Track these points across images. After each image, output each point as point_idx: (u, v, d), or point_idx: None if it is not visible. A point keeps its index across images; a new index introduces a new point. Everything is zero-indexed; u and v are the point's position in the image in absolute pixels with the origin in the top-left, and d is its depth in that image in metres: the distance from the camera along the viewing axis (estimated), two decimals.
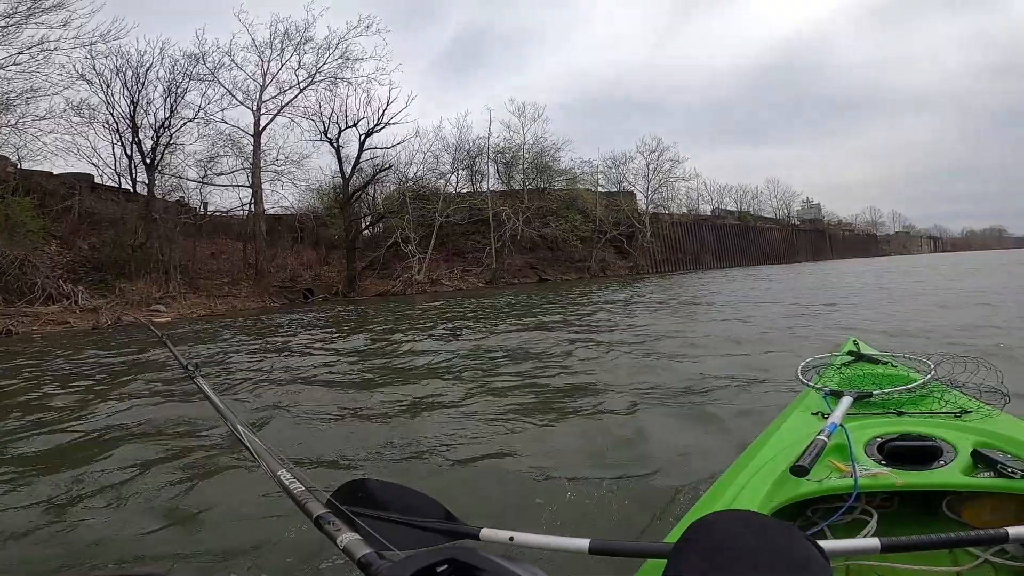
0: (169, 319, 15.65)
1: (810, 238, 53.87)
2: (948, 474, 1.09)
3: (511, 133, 31.56)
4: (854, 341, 2.22)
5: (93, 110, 19.52)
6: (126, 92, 19.31)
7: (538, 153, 31.44)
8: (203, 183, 22.74)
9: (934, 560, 1.04)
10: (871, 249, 64.91)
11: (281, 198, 28.50)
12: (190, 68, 20.63)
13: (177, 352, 1.72)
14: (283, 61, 22.43)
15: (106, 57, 19.46)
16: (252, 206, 23.11)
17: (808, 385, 1.74)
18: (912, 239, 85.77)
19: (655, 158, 34.80)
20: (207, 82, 21.10)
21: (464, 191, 29.73)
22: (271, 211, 24.82)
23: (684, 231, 37.38)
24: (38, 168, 19.90)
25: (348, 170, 24.54)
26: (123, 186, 21.29)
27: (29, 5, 14.97)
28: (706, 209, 45.46)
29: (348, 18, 36.78)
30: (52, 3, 15.32)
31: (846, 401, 1.44)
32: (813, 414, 1.49)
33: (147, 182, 20.42)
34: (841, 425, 1.24)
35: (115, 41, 18.77)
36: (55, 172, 20.71)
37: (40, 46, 15.80)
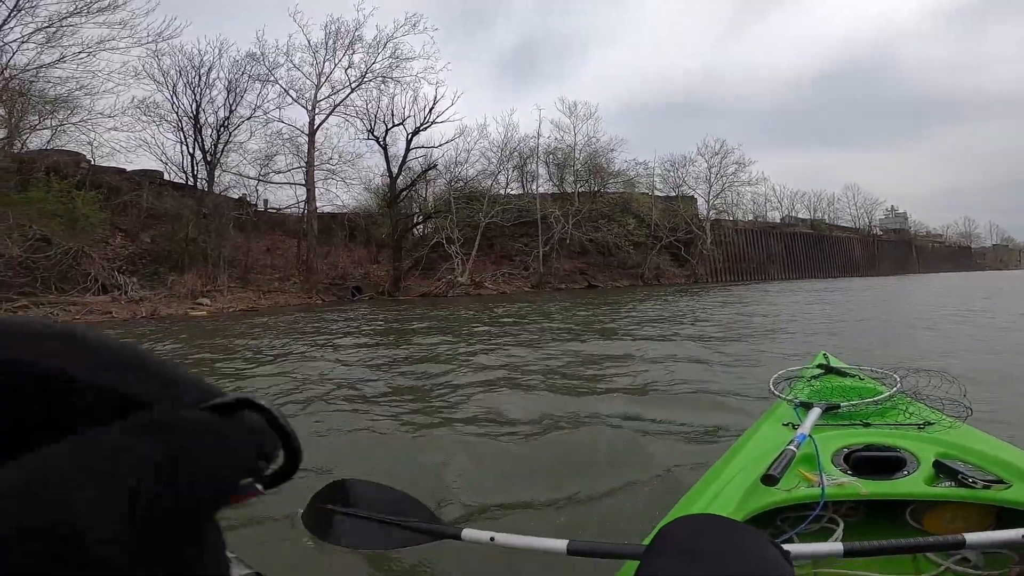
0: (205, 312, 15.32)
1: (894, 249, 48.34)
2: (911, 484, 1.12)
3: (561, 133, 29.84)
4: (824, 355, 2.25)
5: (158, 108, 19.74)
6: (189, 91, 19.36)
7: (591, 154, 29.50)
8: (260, 180, 22.73)
9: (897, 568, 1.06)
10: (963, 262, 57.76)
11: (335, 196, 28.50)
12: (249, 68, 20.55)
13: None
14: (336, 61, 22.11)
15: (168, 56, 19.76)
16: (305, 204, 22.89)
17: (779, 396, 1.75)
18: (1011, 252, 76.28)
19: (718, 161, 32.00)
20: (264, 81, 21.02)
21: (513, 192, 28.37)
22: (326, 209, 24.70)
23: (749, 239, 34.14)
24: (111, 164, 20.55)
25: (396, 169, 23.82)
26: (189, 183, 21.76)
27: (87, 3, 14.99)
28: (775, 216, 41.65)
29: (396, 17, 36.38)
30: (107, 2, 15.29)
31: (815, 412, 1.45)
32: (784, 425, 1.51)
33: (207, 178, 20.52)
34: (810, 436, 1.26)
35: (171, 40, 18.88)
36: (128, 168, 21.36)
37: (100, 45, 15.88)
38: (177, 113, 19.68)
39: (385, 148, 23.64)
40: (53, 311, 13.65)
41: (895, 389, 1.65)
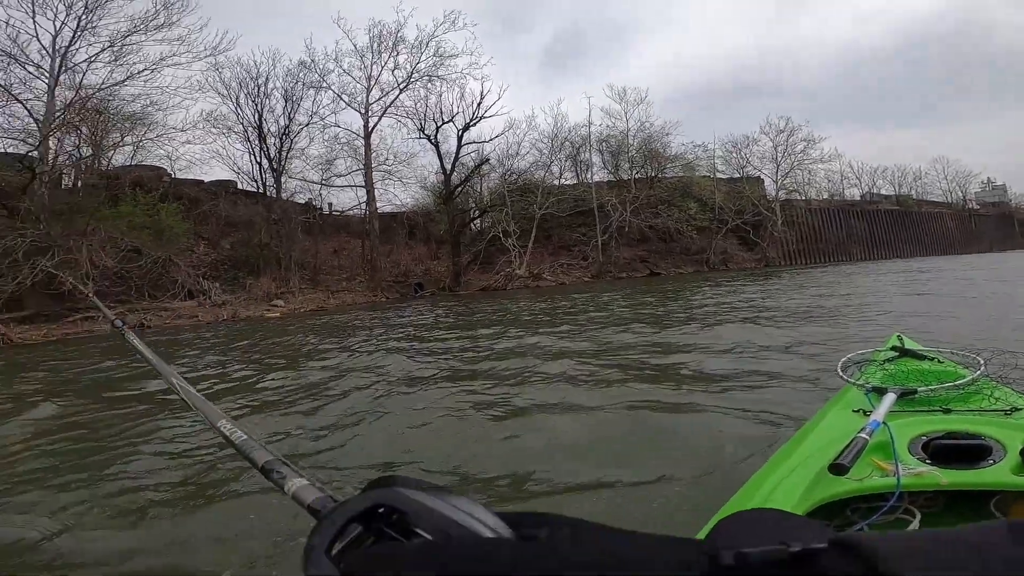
0: (279, 314, 16.03)
1: (993, 224, 43.48)
2: (996, 473, 1.04)
3: (613, 120, 28.84)
4: (898, 336, 2.10)
5: (225, 120, 20.86)
6: (250, 102, 20.32)
7: (645, 139, 28.37)
8: (323, 184, 23.58)
9: None
10: None
11: (393, 196, 29.22)
12: (301, 76, 21.31)
13: (104, 307, 1.73)
14: (382, 64, 22.54)
15: (227, 69, 20.89)
16: (366, 205, 23.54)
17: (849, 382, 1.65)
18: None
19: (784, 139, 29.82)
20: (317, 88, 21.76)
21: (567, 182, 27.85)
22: (386, 209, 25.30)
23: (825, 218, 31.71)
24: (190, 176, 22.02)
25: (449, 166, 23.99)
26: (260, 190, 22.95)
27: (144, 21, 15.95)
28: (853, 193, 38.46)
29: (435, 15, 36.51)
30: (162, 20, 16.21)
31: (889, 398, 1.37)
32: (854, 411, 1.43)
33: (274, 185, 21.51)
34: (884, 423, 1.20)
35: (227, 52, 19.88)
36: (205, 180, 22.81)
37: (162, 61, 16.89)
38: (243, 124, 20.68)
39: (437, 146, 23.91)
40: (146, 316, 14.73)
41: (979, 372, 1.52)
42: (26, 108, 13.86)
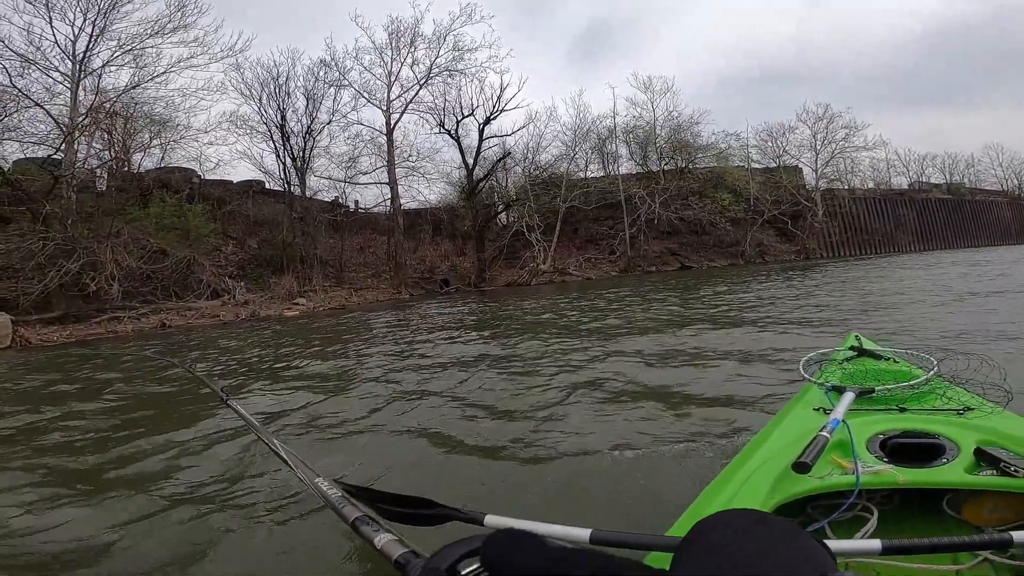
0: (298, 312, 15.63)
1: None
2: (951, 472, 1.06)
3: (639, 110, 27.42)
4: (856, 336, 2.14)
5: (248, 121, 20.68)
6: (272, 102, 20.03)
7: (673, 129, 26.86)
8: (347, 182, 23.22)
9: (935, 559, 0.98)
10: None
11: (417, 192, 28.74)
12: (321, 74, 20.92)
13: (211, 382, 1.80)
14: (401, 60, 21.89)
15: (248, 70, 20.69)
16: (391, 201, 23.06)
17: (810, 380, 1.67)
18: None
19: (823, 126, 27.73)
20: (338, 87, 21.34)
21: (594, 175, 26.69)
22: (410, 205, 24.82)
23: (871, 208, 29.44)
24: (219, 177, 21.97)
25: (471, 161, 23.23)
26: (286, 189, 22.77)
27: (161, 24, 15.69)
28: (901, 182, 35.72)
29: (451, 9, 35.59)
30: (177, 23, 15.92)
31: (848, 397, 1.39)
32: (815, 410, 1.44)
33: (299, 184, 21.22)
34: (843, 421, 1.21)
35: (244, 53, 19.63)
36: (234, 181, 22.75)
37: (180, 64, 16.65)
38: (266, 124, 20.43)
39: (458, 140, 23.26)
40: (167, 316, 14.54)
41: (932, 372, 1.55)
42: (47, 113, 13.76)
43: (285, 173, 21.06)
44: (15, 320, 12.26)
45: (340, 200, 24.45)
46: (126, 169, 17.81)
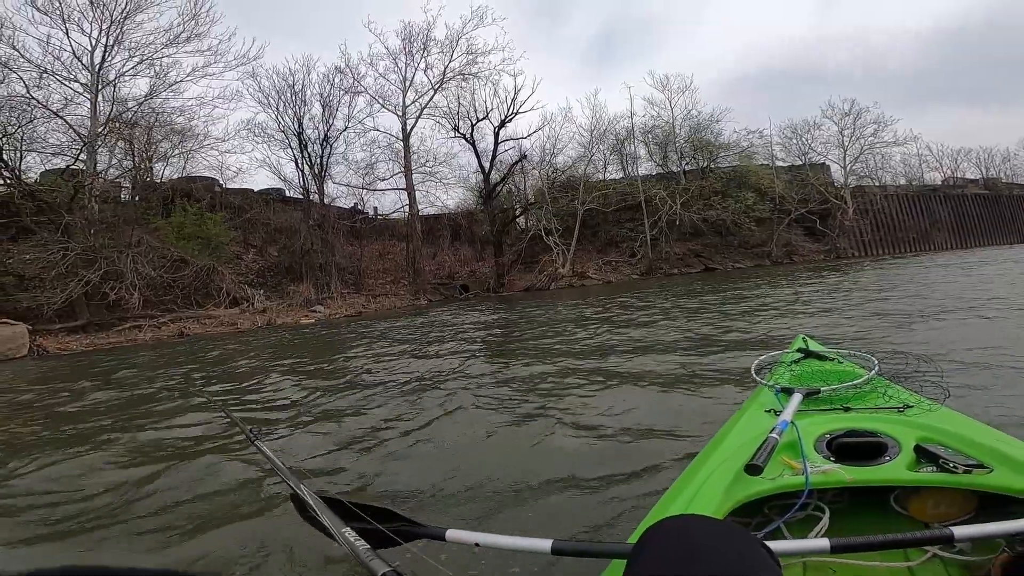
0: (313, 320, 15.36)
1: None
2: (893, 469, 1.07)
3: (657, 109, 26.60)
4: (803, 338, 2.17)
5: (265, 129, 20.65)
6: (289, 110, 19.95)
7: (693, 128, 25.98)
8: (364, 189, 23.04)
9: (886, 555, 1.02)
10: None
11: (435, 198, 28.49)
12: (337, 80, 20.78)
13: (239, 420, 1.67)
14: (415, 65, 21.61)
15: (264, 78, 20.70)
16: (408, 207, 22.77)
17: (761, 383, 1.70)
18: None
19: (850, 122, 26.48)
20: (354, 94, 21.18)
21: (612, 177, 25.98)
22: (428, 211, 24.51)
23: (904, 205, 28.01)
24: (240, 186, 21.99)
25: (487, 164, 22.84)
26: (305, 197, 22.67)
27: (175, 34, 15.65)
28: (934, 178, 34.04)
29: (463, 13, 35.29)
30: (190, 33, 15.86)
31: (796, 398, 1.40)
32: (766, 411, 1.46)
33: (318, 192, 21.09)
34: (792, 422, 1.22)
35: (256, 61, 19.57)
36: (255, 189, 22.76)
37: (195, 72, 16.60)
38: (284, 132, 20.35)
39: (473, 144, 22.92)
40: (188, 325, 14.40)
41: (873, 372, 1.59)
42: (67, 123, 13.78)
43: (303, 180, 20.96)
44: (36, 329, 12.22)
45: (359, 207, 24.32)
46: (148, 179, 17.84)
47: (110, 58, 14.71)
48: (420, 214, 23.04)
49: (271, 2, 41.16)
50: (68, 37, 14.15)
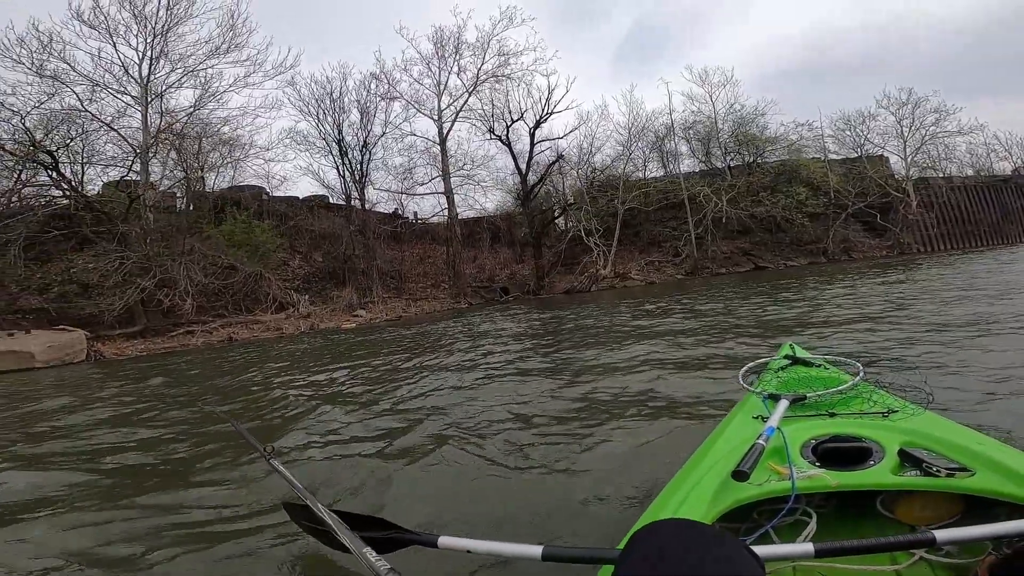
0: (354, 324, 15.28)
1: None
2: (878, 474, 1.07)
3: (697, 104, 25.34)
4: (790, 345, 2.18)
5: (306, 136, 20.91)
6: (328, 117, 20.11)
7: (737, 122, 24.61)
8: (404, 193, 23.03)
9: (873, 559, 1.00)
10: None
11: (474, 201, 28.28)
12: (373, 87, 20.83)
13: (253, 439, 1.65)
14: (448, 69, 21.36)
15: (304, 87, 20.95)
16: (447, 211, 22.61)
17: (748, 389, 1.71)
18: None
19: (908, 112, 24.47)
20: (390, 100, 21.18)
21: (653, 175, 24.96)
22: (467, 214, 24.32)
23: (972, 196, 25.66)
24: (285, 194, 22.40)
25: (523, 166, 22.36)
26: (346, 203, 22.86)
27: (216, 46, 15.89)
28: (1004, 168, 31.13)
29: (491, 14, 34.80)
30: (229, 45, 16.07)
31: (783, 404, 1.40)
32: (754, 418, 1.46)
33: (359, 197, 21.20)
34: (778, 428, 1.22)
35: (294, 69, 19.79)
36: (300, 196, 23.14)
37: (236, 83, 16.85)
38: (325, 139, 20.54)
39: (509, 145, 22.53)
40: (236, 330, 14.59)
41: (858, 378, 1.59)
42: (120, 135, 14.20)
43: (345, 187, 21.11)
44: (95, 335, 12.60)
45: (399, 211, 24.38)
46: (199, 188, 18.31)
47: (157, 70, 15.10)
48: (459, 217, 22.86)
49: (300, 11, 42.23)
50: (116, 50, 14.61)
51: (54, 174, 13.50)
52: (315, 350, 8.80)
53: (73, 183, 14.13)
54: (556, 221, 24.58)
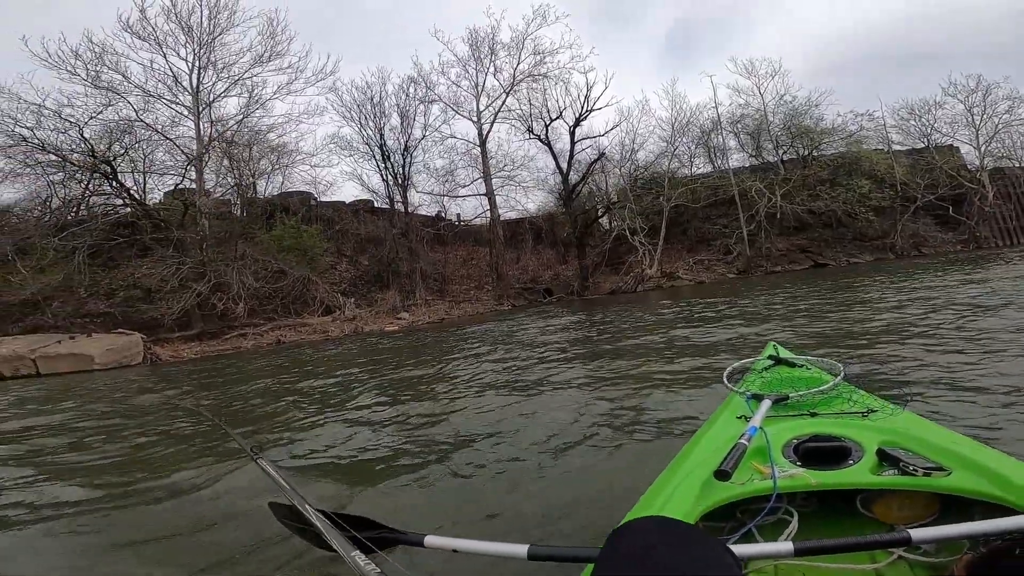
0: (396, 327, 15.04)
1: None
2: (857, 473, 1.06)
3: (744, 97, 23.85)
4: (774, 345, 2.17)
5: (349, 142, 20.98)
6: (370, 122, 20.08)
7: (789, 114, 22.99)
8: (446, 196, 22.82)
9: (853, 558, 0.98)
10: None
11: (516, 202, 27.83)
12: (411, 91, 20.68)
13: (240, 438, 1.63)
14: (485, 70, 20.96)
15: (340, 93, 21.06)
16: (489, 212, 22.21)
17: (733, 389, 1.70)
18: None
19: (979, 99, 22.18)
20: (429, 103, 20.99)
21: (700, 171, 23.70)
22: (509, 215, 23.89)
23: None
24: (332, 199, 22.61)
25: (564, 165, 21.66)
26: (390, 206, 22.86)
27: (259, 55, 15.98)
28: None
29: (525, 13, 34.17)
30: (270, 53, 16.13)
31: (766, 404, 1.40)
32: (738, 417, 1.45)
33: (402, 201, 21.11)
34: (761, 428, 1.21)
35: (334, 75, 19.81)
36: (346, 201, 23.32)
37: (280, 90, 16.93)
38: (367, 144, 20.53)
39: (549, 145, 21.88)
40: (284, 332, 14.65)
41: (839, 378, 1.58)
42: (175, 144, 14.48)
43: (388, 191, 21.06)
44: (153, 339, 12.86)
45: (441, 214, 24.20)
46: (251, 194, 18.62)
47: (205, 80, 15.35)
48: (501, 218, 22.44)
49: (336, 18, 42.94)
50: (167, 60, 14.93)
51: (114, 183, 13.89)
52: (351, 354, 8.48)
53: (132, 192, 14.52)
54: (599, 220, 23.74)
